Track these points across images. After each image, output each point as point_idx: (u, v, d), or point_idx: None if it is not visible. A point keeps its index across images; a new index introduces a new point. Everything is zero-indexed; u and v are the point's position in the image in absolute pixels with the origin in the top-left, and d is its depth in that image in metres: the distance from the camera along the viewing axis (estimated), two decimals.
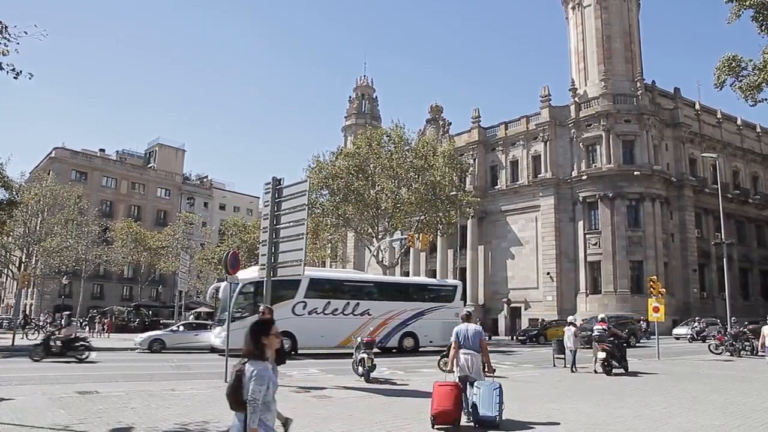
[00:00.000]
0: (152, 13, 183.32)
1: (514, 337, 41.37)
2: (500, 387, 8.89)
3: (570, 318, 20.54)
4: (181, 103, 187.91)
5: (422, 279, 34.94)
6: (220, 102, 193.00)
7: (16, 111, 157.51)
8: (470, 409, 8.92)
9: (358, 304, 25.80)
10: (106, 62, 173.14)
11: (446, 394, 8.63)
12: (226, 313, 23.24)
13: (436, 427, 8.65)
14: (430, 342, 26.83)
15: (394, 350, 26.30)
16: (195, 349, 26.05)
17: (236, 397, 4.09)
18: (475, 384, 8.88)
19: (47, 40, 9.35)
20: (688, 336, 37.76)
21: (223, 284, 25.44)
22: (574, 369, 17.78)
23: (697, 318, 41.07)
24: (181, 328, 28.71)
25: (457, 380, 9.04)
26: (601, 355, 16.91)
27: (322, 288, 25.75)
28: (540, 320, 43.07)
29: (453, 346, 9.34)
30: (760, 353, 17.37)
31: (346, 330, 24.15)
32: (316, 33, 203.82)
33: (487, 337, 14.82)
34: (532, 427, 8.96)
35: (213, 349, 24.20)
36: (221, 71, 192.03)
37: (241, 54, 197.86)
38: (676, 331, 40.35)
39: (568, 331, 18.53)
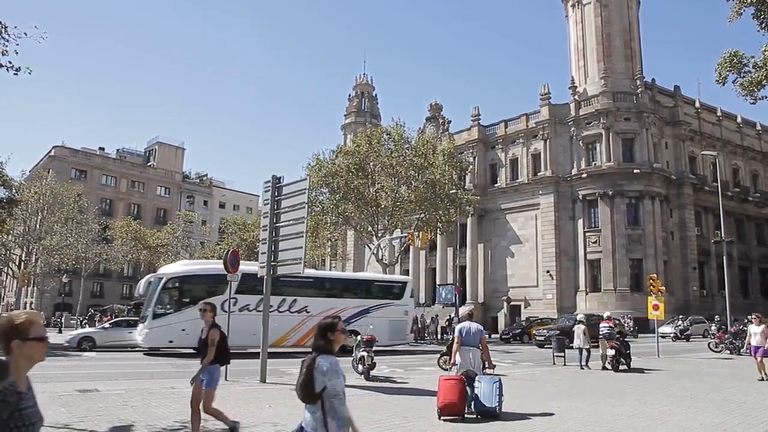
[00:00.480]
0: (152, 13, 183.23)
1: (500, 336, 40.22)
2: (500, 381, 9.60)
3: (579, 316, 20.88)
4: (180, 102, 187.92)
5: (368, 274, 32.97)
6: (219, 101, 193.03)
7: (16, 110, 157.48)
8: (473, 401, 9.47)
9: (295, 300, 24.02)
10: (105, 61, 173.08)
11: (452, 388, 9.22)
12: (150, 309, 22.63)
13: (442, 418, 9.19)
14: (376, 342, 25.21)
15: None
16: (127, 347, 24.96)
17: (308, 390, 4.32)
18: (477, 378, 9.47)
19: (47, 40, 9.26)
20: (672, 335, 36.79)
21: (143, 280, 24.70)
22: (584, 366, 18.16)
23: (680, 316, 40.64)
24: (111, 325, 27.59)
25: (460, 374, 9.58)
26: (611, 352, 17.64)
27: (255, 283, 23.29)
28: (526, 318, 43.69)
29: (456, 341, 10.02)
30: (743, 352, 16.25)
31: (281, 329, 22.58)
32: (316, 32, 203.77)
33: (487, 335, 15.02)
34: (529, 418, 9.53)
35: (151, 350, 23.33)
36: (221, 70, 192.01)
37: (241, 53, 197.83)
38: (661, 329, 39.38)
39: (578, 330, 18.89)
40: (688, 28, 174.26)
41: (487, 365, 9.87)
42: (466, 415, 9.33)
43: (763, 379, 15.27)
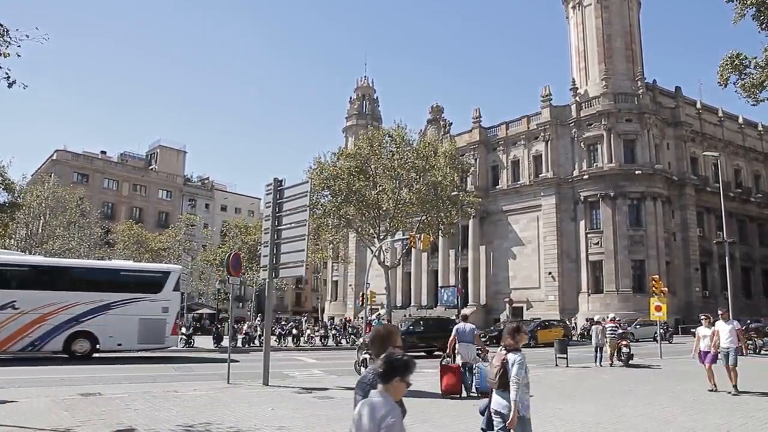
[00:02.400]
0: (153, 14, 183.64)
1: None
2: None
3: (596, 317, 24.10)
4: (181, 103, 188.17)
5: (113, 262, 27.67)
6: (220, 103, 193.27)
7: (17, 112, 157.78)
8: (473, 384, 12.14)
9: None
10: (106, 63, 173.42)
11: (452, 373, 12.36)
12: None
13: (445, 396, 12.09)
14: (119, 345, 20.65)
15: (67, 355, 20.10)
16: None
17: (503, 380, 5.33)
18: (476, 365, 11.89)
19: (48, 41, 9.23)
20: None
21: None
22: (602, 364, 19.66)
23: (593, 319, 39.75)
24: None
25: (459, 364, 12.53)
26: (625, 350, 19.81)
27: None
28: (504, 319, 44.12)
29: (453, 338, 12.93)
30: (692, 357, 14.48)
31: None
32: (317, 33, 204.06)
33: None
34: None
35: None
36: (222, 72, 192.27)
37: (242, 54, 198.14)
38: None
39: (596, 329, 20.93)
40: (688, 29, 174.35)
41: (481, 353, 12.77)
42: (471, 395, 12.02)
43: (714, 390, 13.03)
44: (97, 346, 20.39)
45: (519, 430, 5.36)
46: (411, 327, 26.82)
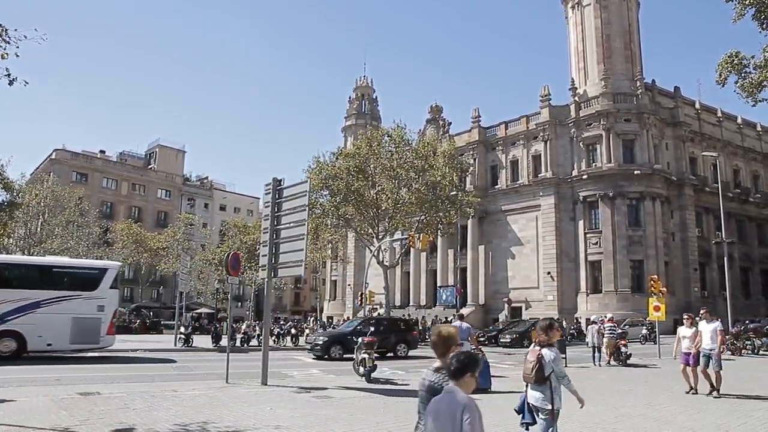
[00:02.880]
0: (152, 14, 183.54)
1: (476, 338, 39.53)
2: (487, 363, 13.66)
3: (593, 317, 24.36)
4: (181, 103, 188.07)
5: (45, 258, 26.84)
6: (220, 102, 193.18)
7: (16, 112, 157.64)
8: None
9: None
10: (106, 62, 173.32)
11: None
12: None
13: None
14: (49, 345, 19.57)
15: None
16: None
17: (539, 375, 5.73)
18: None
19: (47, 41, 9.23)
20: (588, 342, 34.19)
21: None
22: (596, 363, 20.07)
23: (577, 319, 39.21)
24: None
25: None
26: (624, 349, 20.19)
27: None
28: (503, 320, 44.39)
29: None
30: (673, 357, 14.06)
31: None
32: (316, 33, 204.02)
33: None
34: (516, 392, 9.92)
35: None
36: (221, 71, 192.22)
37: (241, 54, 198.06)
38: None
39: (592, 329, 21.37)
40: (688, 28, 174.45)
41: (475, 349, 13.81)
42: None
43: (692, 391, 12.61)
44: (26, 347, 19.40)
45: (548, 422, 5.91)
46: (359, 327, 23.62)
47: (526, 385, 5.99)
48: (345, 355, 22.20)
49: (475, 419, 3.33)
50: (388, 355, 24.37)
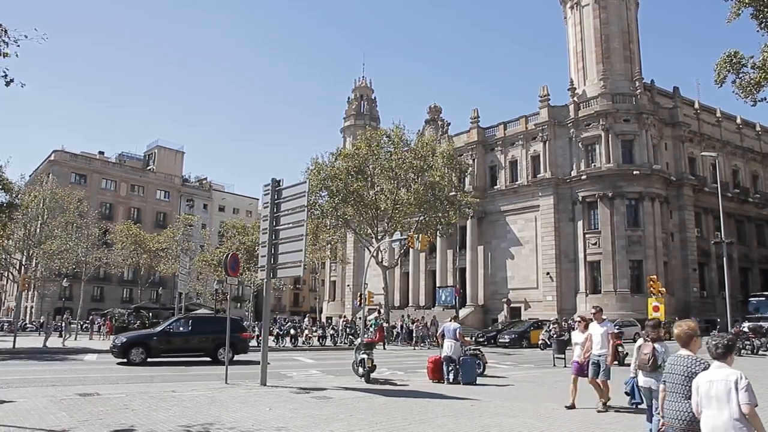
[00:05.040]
0: (151, 16, 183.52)
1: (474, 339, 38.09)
2: (474, 360, 15.42)
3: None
4: (179, 104, 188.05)
5: None
6: (218, 103, 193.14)
7: (15, 113, 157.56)
8: (452, 375, 14.67)
9: None
10: (105, 64, 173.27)
11: (437, 364, 15.34)
12: None
13: (432, 382, 15.03)
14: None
15: None
16: None
17: (654, 365, 7.09)
18: (460, 359, 14.75)
19: (46, 43, 9.25)
20: (540, 342, 31.75)
21: None
22: None
23: (564, 319, 37.96)
24: None
25: (441, 357, 15.09)
26: (621, 349, 19.94)
27: None
28: (502, 320, 44.65)
29: (439, 335, 16.62)
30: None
31: None
32: (314, 34, 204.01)
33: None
34: (501, 383, 11.74)
35: None
36: (220, 73, 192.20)
37: (240, 56, 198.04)
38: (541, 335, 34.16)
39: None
40: (687, 29, 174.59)
41: (464, 347, 15.57)
42: (450, 384, 14.47)
43: (570, 406, 10.75)
44: None
45: (650, 400, 7.15)
46: (170, 328, 20.84)
47: (636, 373, 7.51)
48: (149, 359, 19.36)
49: (748, 385, 4.31)
50: (207, 359, 20.47)
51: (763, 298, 37.84)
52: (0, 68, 9.07)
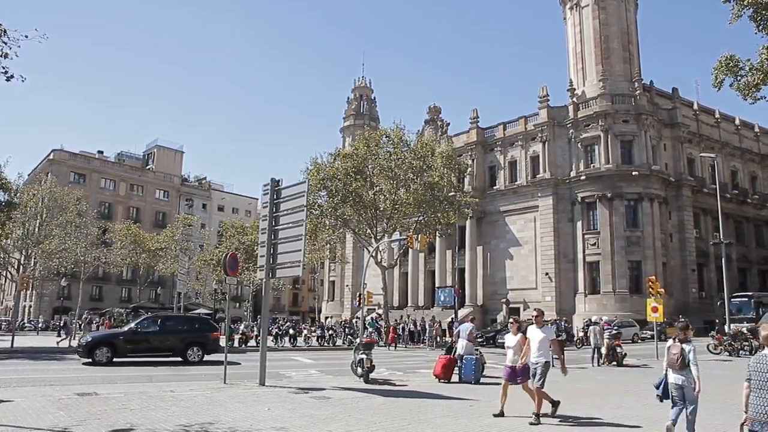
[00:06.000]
0: (151, 16, 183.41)
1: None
2: (477, 360, 15.38)
3: (594, 318, 25.39)
4: (179, 104, 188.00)
5: None
6: (218, 103, 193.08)
7: (15, 113, 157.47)
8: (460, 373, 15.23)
9: None
10: (104, 63, 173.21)
11: (446, 362, 15.55)
12: None
13: (439, 381, 15.21)
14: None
15: None
16: None
17: (683, 363, 7.74)
18: (462, 358, 15.26)
19: (45, 42, 9.26)
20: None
21: None
22: (596, 364, 20.75)
23: (564, 319, 38.49)
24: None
25: (454, 356, 15.68)
26: (620, 350, 20.80)
27: None
28: (501, 320, 44.46)
29: (455, 335, 17.43)
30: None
31: None
32: (314, 34, 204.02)
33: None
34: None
35: None
36: (219, 72, 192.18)
37: (239, 55, 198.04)
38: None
39: (593, 330, 21.97)
40: (686, 30, 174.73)
41: (475, 347, 16.09)
42: (453, 381, 15.11)
43: (499, 414, 9.87)
44: None
45: (681, 396, 7.80)
46: (138, 327, 20.41)
47: (667, 370, 7.99)
48: (115, 359, 18.74)
49: None
50: (176, 359, 19.93)
51: (746, 299, 37.80)
52: (0, 66, 9.08)
